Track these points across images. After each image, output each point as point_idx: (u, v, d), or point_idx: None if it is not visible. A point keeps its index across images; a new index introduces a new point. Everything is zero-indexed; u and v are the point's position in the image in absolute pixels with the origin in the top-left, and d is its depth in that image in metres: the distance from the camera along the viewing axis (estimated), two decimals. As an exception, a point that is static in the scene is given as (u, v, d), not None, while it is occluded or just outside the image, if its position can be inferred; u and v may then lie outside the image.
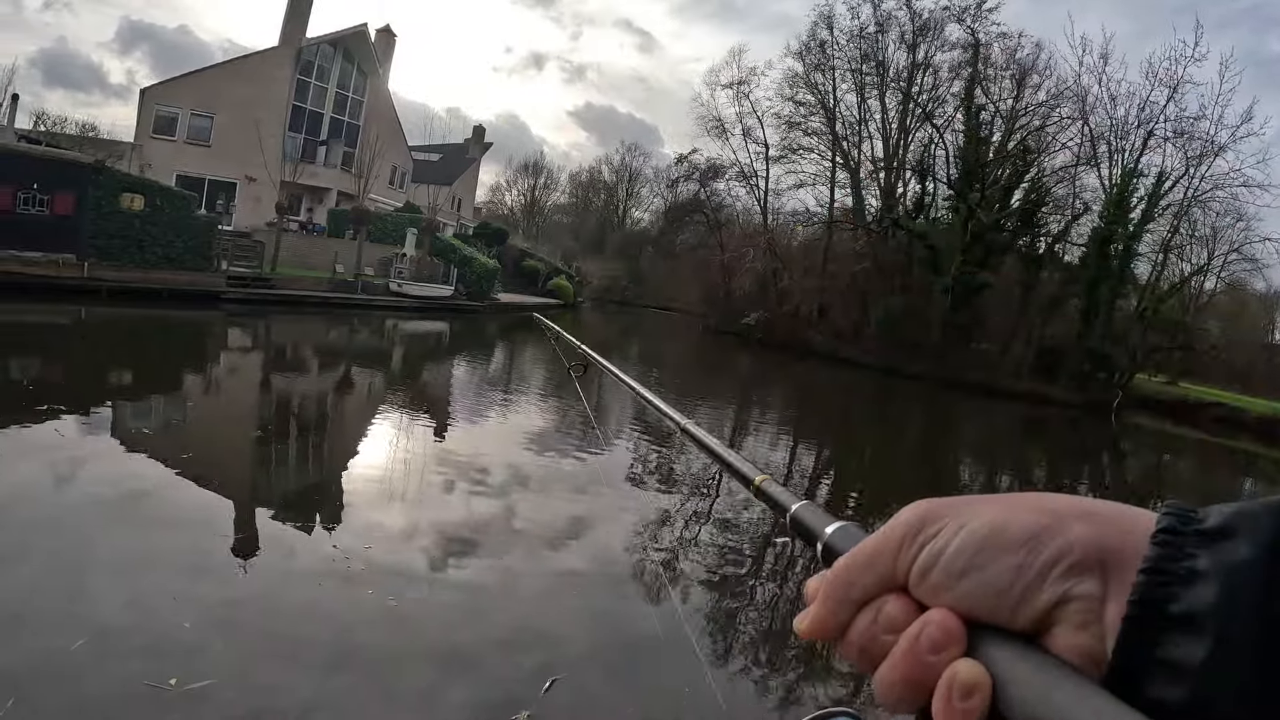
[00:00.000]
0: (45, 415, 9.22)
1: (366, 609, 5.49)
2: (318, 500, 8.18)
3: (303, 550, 6.44)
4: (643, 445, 12.80)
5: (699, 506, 9.57)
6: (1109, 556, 0.40)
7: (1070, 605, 0.39)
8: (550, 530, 7.83)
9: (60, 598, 4.93)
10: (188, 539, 6.22)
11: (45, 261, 21.35)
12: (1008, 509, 0.43)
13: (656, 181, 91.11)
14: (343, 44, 47.54)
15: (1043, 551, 0.41)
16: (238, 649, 4.71)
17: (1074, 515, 0.42)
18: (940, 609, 0.42)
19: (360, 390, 16.34)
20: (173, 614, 4.93)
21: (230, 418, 12.13)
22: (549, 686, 4.75)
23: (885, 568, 0.45)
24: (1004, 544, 0.42)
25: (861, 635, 0.45)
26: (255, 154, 37.85)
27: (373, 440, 11.75)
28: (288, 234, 33.71)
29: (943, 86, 46.87)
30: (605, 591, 6.68)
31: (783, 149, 53.22)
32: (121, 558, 5.67)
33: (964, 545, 0.43)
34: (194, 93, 41.94)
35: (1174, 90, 38.73)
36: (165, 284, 23.49)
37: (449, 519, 7.73)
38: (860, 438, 20.54)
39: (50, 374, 12.98)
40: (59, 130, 39.23)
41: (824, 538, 0.55)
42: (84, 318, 19.97)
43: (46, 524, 6.10)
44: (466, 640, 5.33)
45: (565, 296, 58.06)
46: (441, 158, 67.29)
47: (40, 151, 24.35)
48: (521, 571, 6.69)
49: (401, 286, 34.51)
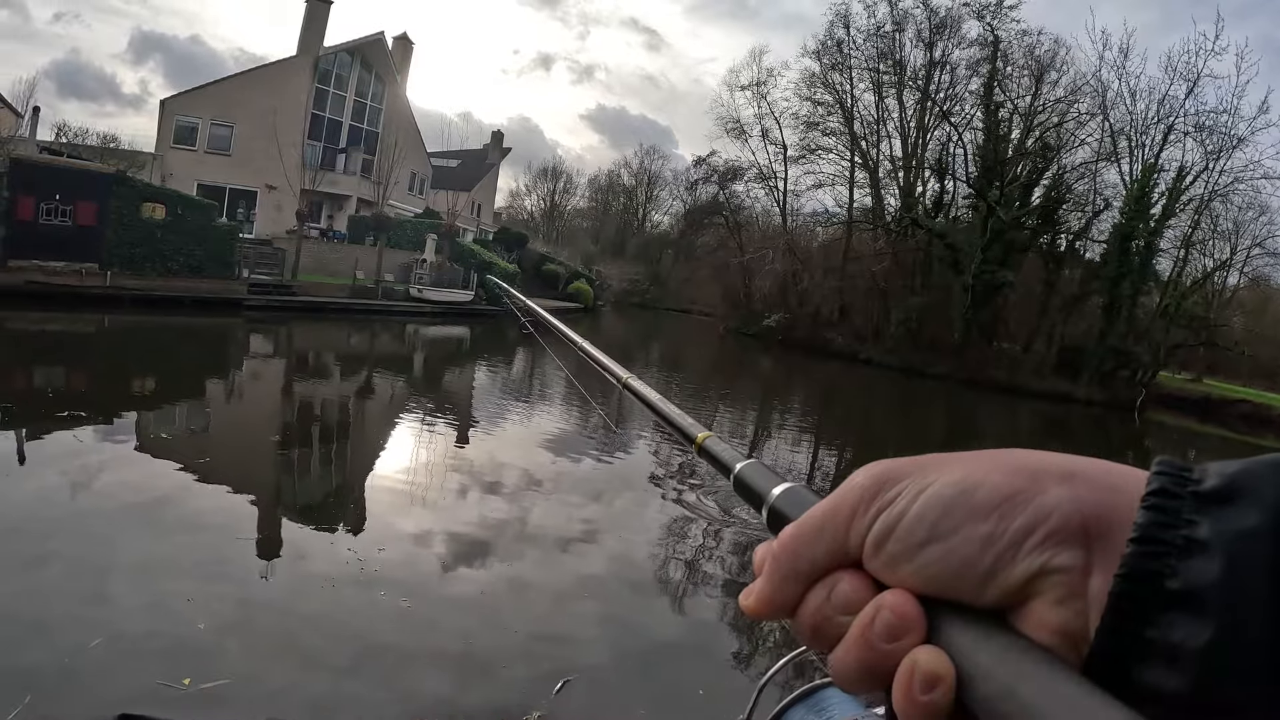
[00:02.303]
0: (68, 422, 9.31)
1: (379, 610, 5.51)
2: (337, 505, 8.23)
3: (318, 553, 6.47)
4: (663, 449, 12.77)
5: (712, 505, 9.53)
6: (1093, 523, 0.35)
7: (1048, 578, 0.35)
8: (566, 533, 7.83)
9: (79, 600, 4.98)
10: (206, 542, 6.27)
11: (68, 271, 21.60)
12: (977, 468, 0.39)
13: (675, 184, 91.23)
14: (360, 52, 47.88)
15: (1016, 517, 0.36)
16: (251, 649, 4.74)
17: (1053, 476, 0.37)
18: (896, 591, 0.38)
19: (380, 396, 16.40)
20: (189, 615, 4.96)
21: (250, 423, 12.21)
22: (560, 688, 4.75)
23: (837, 538, 0.41)
24: (972, 509, 0.37)
25: (813, 615, 0.41)
26: (275, 162, 38.10)
27: (391, 445, 11.81)
28: (308, 241, 33.96)
29: (960, 84, 46.67)
30: (622, 594, 6.68)
31: (801, 149, 53.14)
32: (140, 561, 5.72)
33: (924, 511, 0.38)
34: (213, 103, 42.40)
35: (1194, 84, 38.40)
36: (187, 292, 23.71)
37: (466, 521, 7.74)
38: (881, 439, 20.42)
39: (74, 382, 13.12)
40: (80, 142, 39.63)
41: (769, 500, 0.51)
42: (107, 326, 20.16)
43: (66, 529, 6.16)
44: (481, 643, 5.33)
45: (585, 300, 58.09)
46: (461, 163, 67.49)
47: (62, 163, 24.67)
48: (536, 575, 6.70)
49: (421, 292, 34.60)
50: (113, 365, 15.39)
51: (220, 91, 43.03)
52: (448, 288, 36.54)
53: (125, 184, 24.39)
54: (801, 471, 13.53)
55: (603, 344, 2.55)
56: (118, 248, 23.18)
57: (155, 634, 4.73)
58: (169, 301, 23.00)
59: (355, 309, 30.16)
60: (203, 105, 42.45)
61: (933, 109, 47.05)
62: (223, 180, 41.31)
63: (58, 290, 20.60)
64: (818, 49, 50.72)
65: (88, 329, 19.48)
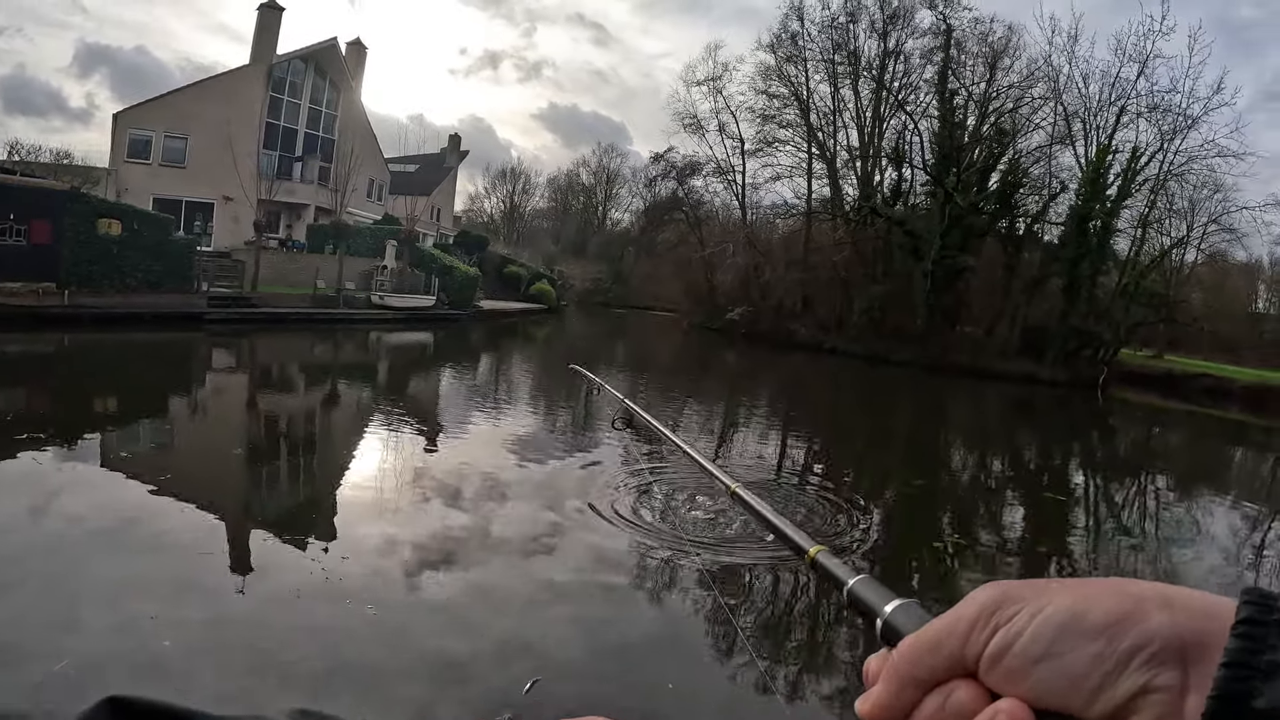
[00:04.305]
0: (28, 444, 9.20)
1: (346, 618, 5.52)
2: (302, 516, 8.20)
3: (285, 565, 6.45)
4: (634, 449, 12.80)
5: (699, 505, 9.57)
6: (1190, 647, 0.38)
7: (1150, 696, 0.38)
8: (537, 538, 7.86)
9: (42, 624, 4.94)
10: (169, 560, 6.24)
11: (25, 291, 21.30)
12: (1086, 594, 0.42)
13: (634, 181, 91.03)
14: (314, 59, 47.47)
15: (1124, 640, 0.39)
16: (222, 665, 4.74)
17: (1155, 602, 0.40)
18: (1012, 699, 0.41)
19: (344, 406, 16.34)
20: (153, 633, 4.95)
21: (211, 439, 12.13)
22: (530, 688, 4.79)
23: (954, 651, 0.44)
24: (1084, 630, 0.40)
25: (929, 718, 0.44)
26: (231, 173, 37.69)
27: (358, 455, 11.77)
28: (267, 252, 33.72)
29: (915, 73, 46.94)
30: (594, 595, 6.71)
31: (758, 142, 53.16)
32: (106, 580, 5.67)
33: (1041, 631, 0.41)
34: (166, 115, 41.86)
35: (1144, 65, 38.92)
36: (146, 308, 23.45)
37: (431, 529, 7.75)
38: (848, 427, 20.60)
39: (34, 403, 12.94)
40: (33, 159, 39.04)
41: (884, 615, 0.53)
42: (66, 345, 19.91)
43: (33, 552, 6.11)
44: (453, 647, 5.36)
45: (548, 301, 58.06)
46: (419, 168, 67.12)
47: (14, 181, 24.28)
48: (502, 581, 6.72)
49: (384, 299, 34.54)
50: (73, 385, 15.18)
51: (173, 103, 42.50)
52: (409, 294, 36.48)
53: (80, 200, 24.12)
54: (771, 463, 13.63)
55: (570, 344, 2.60)
56: (74, 265, 22.89)
57: (119, 652, 4.71)
58: (128, 318, 22.73)
59: (317, 318, 30.01)
60: (156, 118, 41.91)
61: (888, 98, 47.37)
62: (179, 193, 40.76)
63: (14, 311, 20.29)
64: (772, 42, 50.76)
65: (47, 349, 19.23)
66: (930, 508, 11.45)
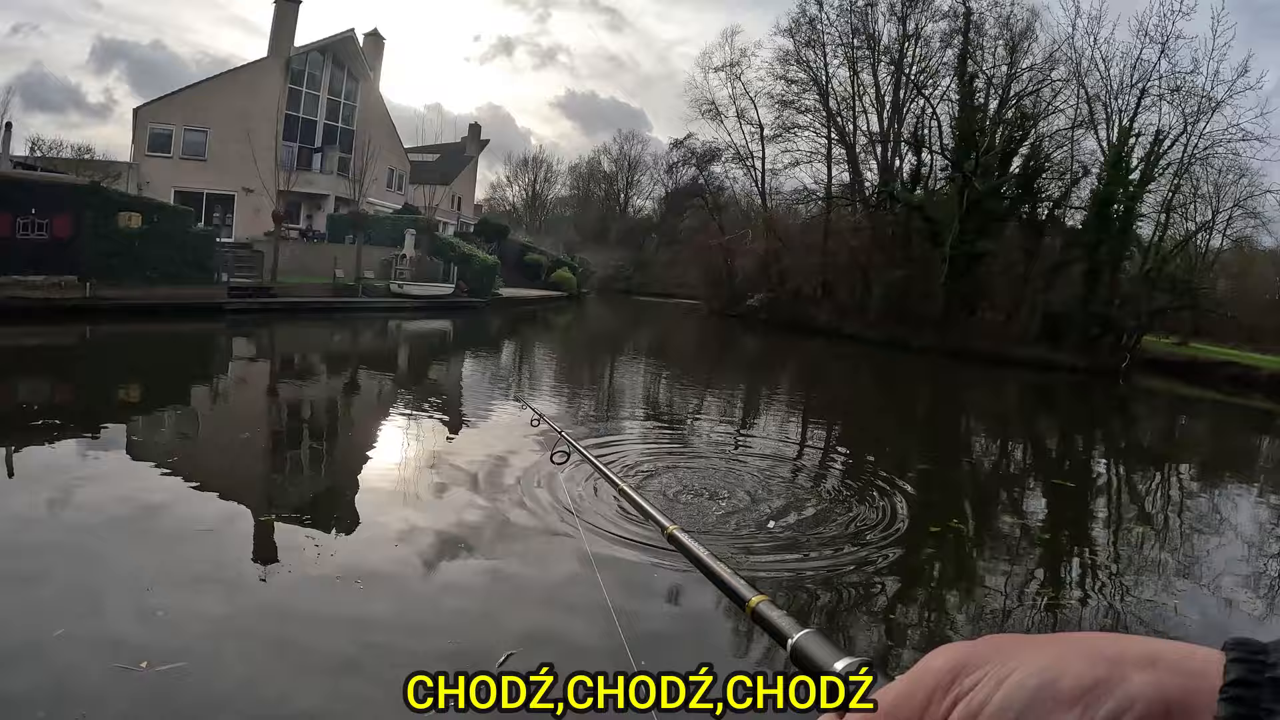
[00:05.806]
0: (53, 435, 9.30)
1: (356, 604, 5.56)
2: (319, 507, 8.24)
3: (305, 554, 6.49)
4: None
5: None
6: (1176, 711, 0.35)
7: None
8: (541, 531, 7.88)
9: (63, 610, 5.00)
10: (186, 551, 6.29)
11: (47, 284, 21.49)
12: (1057, 656, 0.38)
13: (655, 168, 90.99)
14: (331, 50, 47.64)
15: (1101, 706, 0.36)
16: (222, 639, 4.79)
17: (1134, 663, 0.37)
18: None
19: (365, 395, 16.42)
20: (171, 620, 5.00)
21: (231, 428, 12.19)
22: (504, 661, 4.87)
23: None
24: (1055, 699, 0.36)
25: None
26: (251, 165, 37.88)
27: (380, 444, 11.82)
28: (287, 242, 33.89)
29: (934, 57, 46.63)
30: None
31: (777, 128, 52.97)
32: (126, 570, 5.73)
33: (1007, 702, 0.37)
34: (186, 109, 42.30)
35: (1164, 46, 38.46)
36: (167, 299, 23.62)
37: (453, 520, 7.77)
38: (866, 412, 20.51)
39: (59, 395, 13.07)
40: (55, 155, 39.46)
41: (833, 675, 0.50)
42: (88, 337, 20.10)
43: (54, 542, 6.18)
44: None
45: (568, 288, 58.02)
46: (439, 158, 67.29)
47: (36, 176, 24.56)
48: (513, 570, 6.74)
49: (402, 287, 34.71)
50: (96, 376, 15.34)
51: (192, 97, 42.90)
52: (428, 282, 36.62)
53: (100, 195, 24.29)
54: (793, 444, 13.59)
55: (591, 332, 2.59)
56: (95, 259, 23.05)
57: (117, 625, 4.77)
58: (149, 310, 22.92)
59: (337, 307, 30.18)
60: (175, 112, 42.33)
61: (907, 83, 47.07)
62: (199, 186, 41.17)
63: (38, 304, 20.49)
64: (790, 26, 50.51)
65: (69, 341, 19.41)
66: (946, 491, 11.37)
